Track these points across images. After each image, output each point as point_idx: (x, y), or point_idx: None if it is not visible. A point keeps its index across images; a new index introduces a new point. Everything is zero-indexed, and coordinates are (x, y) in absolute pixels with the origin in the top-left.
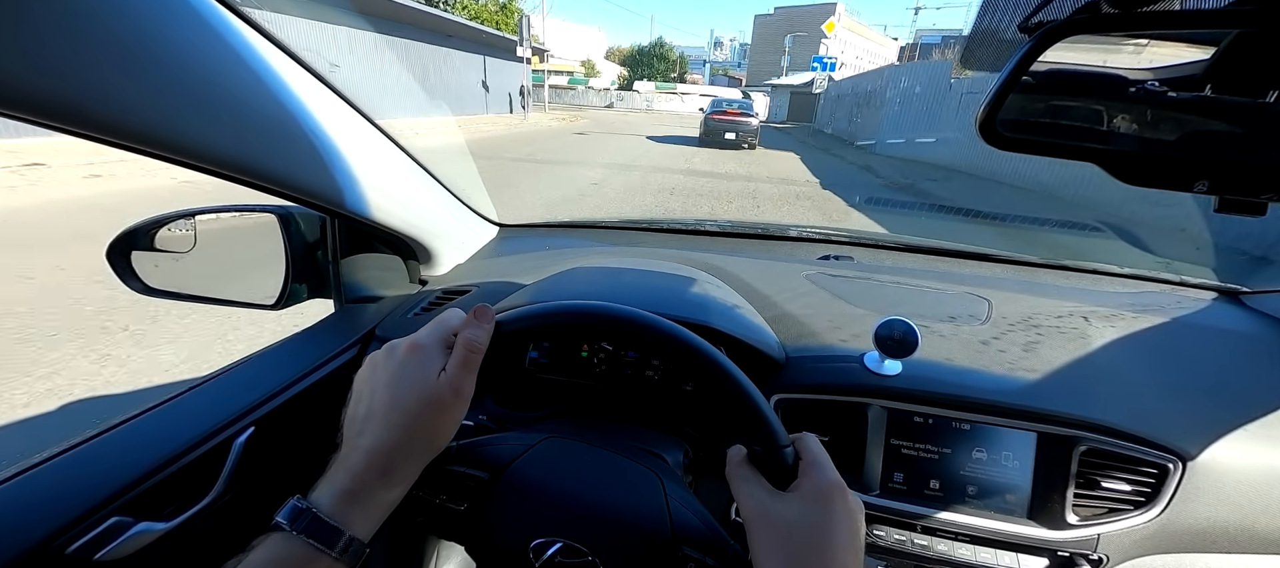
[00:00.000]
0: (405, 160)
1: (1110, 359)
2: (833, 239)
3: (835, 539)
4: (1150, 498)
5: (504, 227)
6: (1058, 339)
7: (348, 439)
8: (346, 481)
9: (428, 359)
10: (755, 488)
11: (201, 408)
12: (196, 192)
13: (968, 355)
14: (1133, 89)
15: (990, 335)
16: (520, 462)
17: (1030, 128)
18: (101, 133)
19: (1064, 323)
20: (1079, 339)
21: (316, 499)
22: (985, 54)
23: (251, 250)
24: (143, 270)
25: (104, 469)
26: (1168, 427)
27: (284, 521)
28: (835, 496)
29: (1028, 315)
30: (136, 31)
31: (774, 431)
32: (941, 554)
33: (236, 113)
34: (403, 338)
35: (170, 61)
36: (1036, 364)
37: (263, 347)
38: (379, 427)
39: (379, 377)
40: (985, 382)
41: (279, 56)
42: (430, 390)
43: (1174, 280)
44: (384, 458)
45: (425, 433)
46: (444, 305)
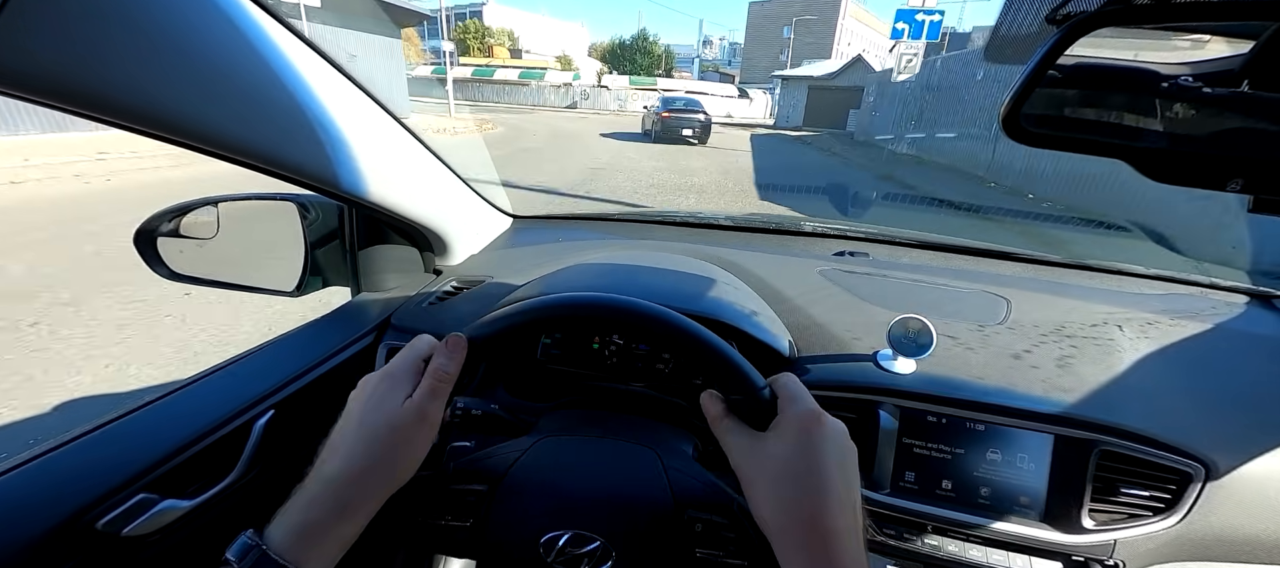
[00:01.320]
0: (422, 151)
1: (1133, 362)
2: (848, 235)
3: (822, 466)
4: (1171, 505)
5: (517, 218)
6: (1079, 341)
7: (315, 467)
8: (301, 515)
9: (396, 387)
10: (737, 435)
11: (224, 391)
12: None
13: (984, 356)
14: (1165, 84)
15: (1008, 336)
16: (516, 467)
17: (1056, 123)
18: (130, 122)
19: (1086, 325)
20: (1101, 341)
21: (270, 534)
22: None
23: (272, 238)
24: (168, 255)
25: (131, 448)
26: (1192, 433)
27: (233, 558)
28: (814, 424)
29: (1048, 317)
30: (161, 23)
31: (747, 374)
32: (952, 555)
33: (258, 103)
34: (378, 371)
35: (193, 52)
36: (1055, 366)
37: (281, 333)
38: (342, 454)
39: (352, 407)
40: (1001, 383)
41: (299, 48)
42: (396, 417)
43: (1203, 283)
44: (343, 488)
45: (387, 460)
46: (459, 295)
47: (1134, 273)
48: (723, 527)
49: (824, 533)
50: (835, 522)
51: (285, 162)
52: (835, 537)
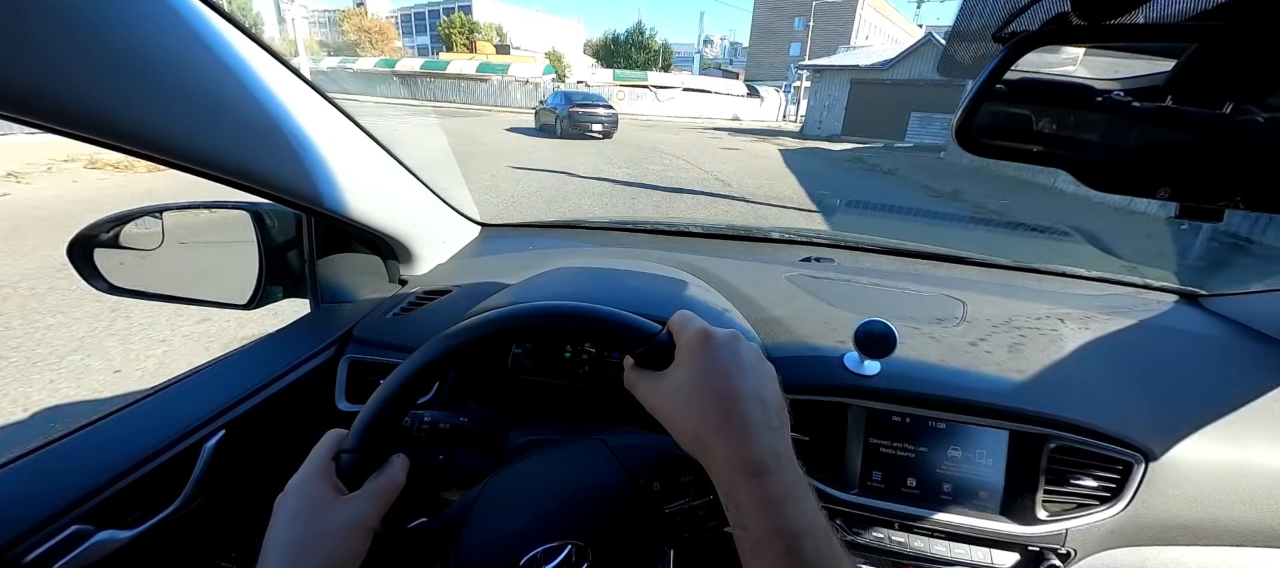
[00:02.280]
0: (385, 157)
1: (1078, 360)
2: (814, 241)
3: (718, 375)
4: (1116, 494)
5: (486, 225)
6: (1030, 340)
7: None
8: None
9: (313, 492)
10: (645, 381)
11: (169, 411)
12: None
13: (944, 356)
14: (1099, 98)
15: (966, 336)
16: (472, 520)
17: (1004, 134)
18: (69, 127)
19: (1036, 324)
20: (1050, 340)
21: None
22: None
23: (223, 248)
24: (106, 268)
25: (64, 476)
26: (1132, 425)
27: None
28: (704, 342)
29: (1001, 317)
30: (105, 24)
31: (638, 326)
32: (918, 551)
33: (208, 107)
34: (300, 476)
35: (140, 55)
36: (1009, 365)
37: (234, 348)
38: None
39: (279, 521)
40: (960, 382)
41: (252, 49)
42: (326, 527)
43: (1138, 283)
44: None
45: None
46: (425, 305)
47: (1077, 275)
48: (677, 474)
49: (736, 434)
50: (745, 420)
51: (239, 168)
52: (748, 432)
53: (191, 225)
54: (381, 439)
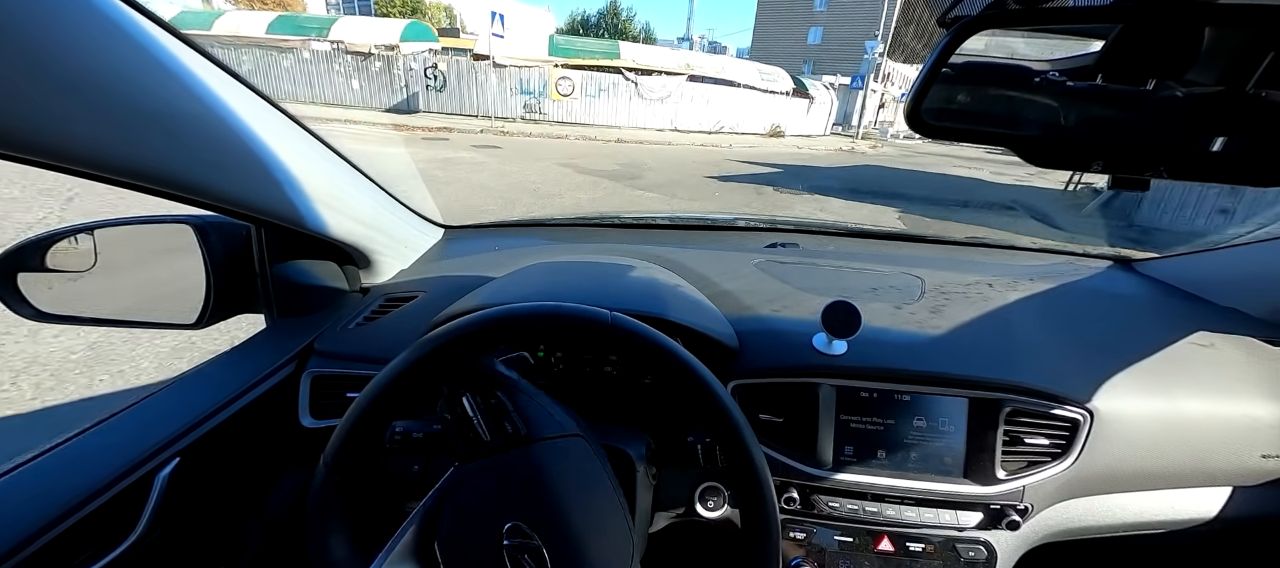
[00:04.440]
0: (336, 162)
1: (1027, 326)
2: (778, 227)
3: None
4: (1065, 449)
5: (450, 228)
6: (982, 311)
7: None
8: None
9: None
10: None
11: (117, 442)
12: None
13: (905, 332)
14: (1037, 79)
15: (924, 311)
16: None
17: (952, 115)
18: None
19: (988, 295)
20: (1001, 310)
21: None
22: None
23: (164, 265)
24: (32, 293)
25: (5, 515)
26: (1076, 384)
27: None
28: None
29: (957, 290)
30: (22, 29)
31: (590, 316)
32: (890, 519)
33: (146, 119)
34: None
35: (63, 63)
36: (966, 336)
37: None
38: None
39: None
40: (922, 354)
41: (187, 53)
42: None
43: (1077, 252)
44: None
45: None
46: (389, 312)
47: (1022, 247)
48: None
49: None
50: None
51: (178, 181)
52: None
53: (127, 243)
54: (358, 460)
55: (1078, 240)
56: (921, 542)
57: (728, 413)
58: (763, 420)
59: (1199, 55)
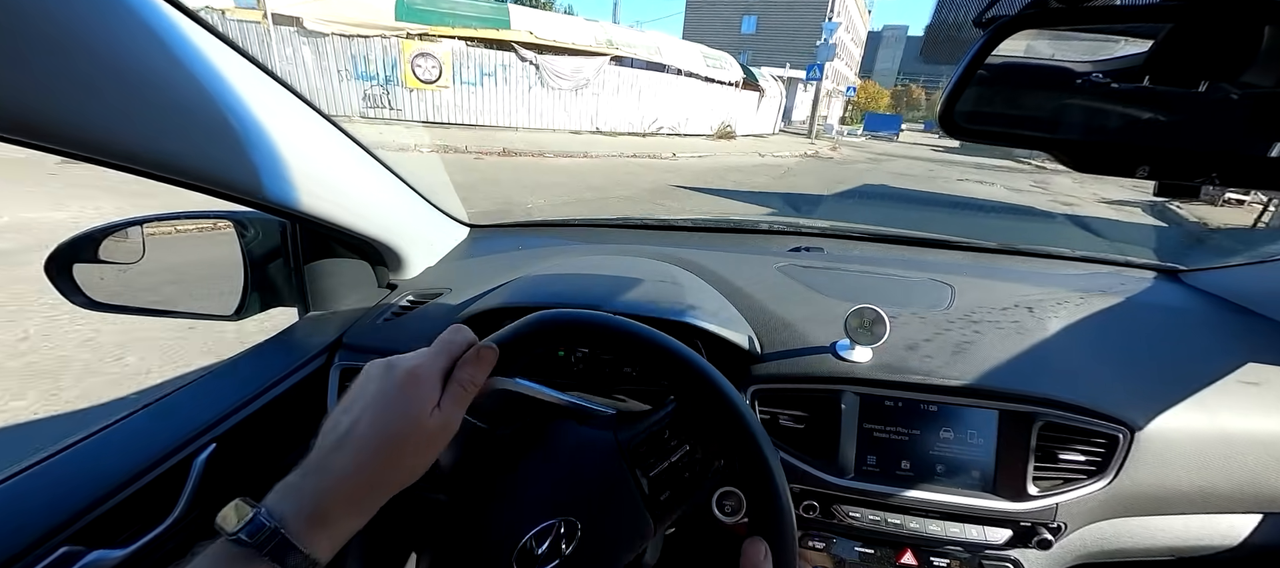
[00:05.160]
0: (369, 162)
1: (1064, 338)
2: (802, 231)
3: None
4: (1102, 467)
5: (475, 227)
6: (1016, 321)
7: (323, 451)
8: (315, 503)
9: (423, 392)
10: None
11: (159, 426)
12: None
13: (932, 340)
14: (1079, 81)
15: (954, 320)
16: (467, 510)
17: (985, 119)
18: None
19: (1022, 305)
20: (1036, 320)
21: (281, 516)
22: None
23: (206, 259)
24: (86, 283)
25: (53, 496)
26: (1116, 399)
27: (246, 536)
28: None
29: (988, 299)
30: (82, 37)
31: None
32: (914, 532)
33: (188, 117)
34: (403, 357)
35: (118, 65)
36: (997, 346)
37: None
38: (359, 454)
39: (370, 395)
40: (950, 365)
41: (231, 57)
42: (419, 426)
43: (1119, 261)
44: (356, 488)
45: (405, 467)
46: (416, 309)
47: (1060, 255)
48: (660, 433)
49: None
50: None
51: (220, 178)
52: None
53: (173, 237)
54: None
55: (1121, 249)
56: (946, 557)
57: (736, 411)
58: (783, 425)
59: (1257, 55)
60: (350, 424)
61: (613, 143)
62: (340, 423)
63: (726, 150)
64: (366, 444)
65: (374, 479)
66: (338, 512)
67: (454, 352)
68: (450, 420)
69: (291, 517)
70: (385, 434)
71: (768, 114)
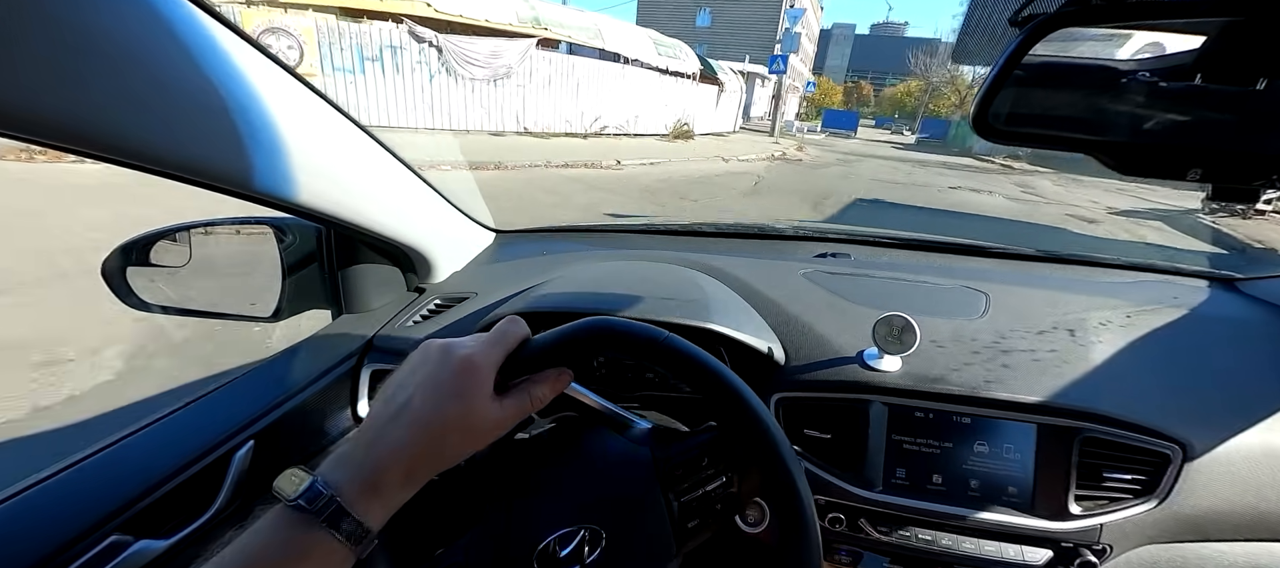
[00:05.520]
0: (401, 169)
1: (1108, 350)
2: (829, 237)
3: None
4: (1151, 487)
5: (501, 232)
6: (1056, 331)
7: (379, 423)
8: (370, 472)
9: (478, 379)
10: None
11: (200, 423)
12: None
13: (966, 350)
14: (1123, 80)
15: (989, 329)
16: (498, 502)
17: (1022, 120)
18: (98, 151)
19: (1062, 314)
20: (1076, 331)
21: (336, 483)
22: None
23: (247, 263)
24: (138, 286)
25: (101, 488)
26: (1167, 415)
27: (304, 502)
28: None
29: (1026, 308)
30: (130, 50)
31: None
32: (946, 549)
33: (230, 127)
34: (460, 341)
35: (164, 78)
36: (1035, 357)
37: (259, 359)
38: (413, 427)
39: (425, 375)
40: (984, 376)
41: (270, 68)
42: (470, 413)
43: (1168, 269)
44: (409, 460)
45: (452, 447)
46: (443, 312)
47: (1103, 263)
48: (697, 458)
49: None
50: None
51: (258, 186)
52: None
53: (217, 242)
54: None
55: (1172, 255)
56: None
57: (759, 421)
58: (808, 436)
59: None
60: (406, 399)
61: (542, 147)
62: (396, 398)
63: (684, 154)
64: (420, 419)
65: (426, 453)
66: (390, 481)
67: (509, 344)
68: (506, 420)
69: (346, 485)
70: (438, 413)
71: (728, 111)
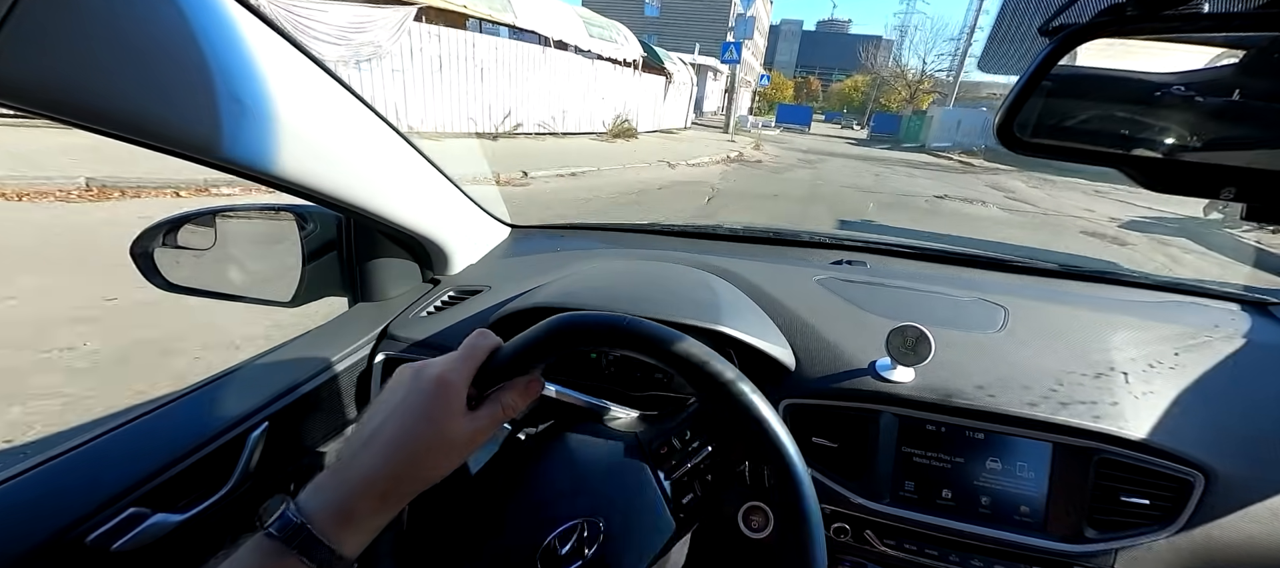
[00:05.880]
0: (420, 162)
1: (1130, 370)
2: (845, 244)
3: None
4: (1171, 514)
5: (516, 227)
6: (1076, 349)
7: (352, 450)
8: (342, 500)
9: (449, 396)
10: None
11: (218, 403)
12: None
13: (982, 364)
14: (1157, 93)
15: (1005, 342)
16: (498, 508)
17: (1049, 132)
18: (128, 134)
19: (1082, 332)
20: (1099, 349)
21: (309, 512)
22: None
23: (269, 249)
24: (165, 267)
25: (122, 462)
26: (1190, 440)
27: (275, 531)
28: None
29: (1045, 323)
30: (158, 37)
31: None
32: (953, 565)
33: (256, 115)
34: (431, 362)
35: (192, 66)
36: (1052, 373)
37: (278, 343)
38: (384, 452)
39: (397, 399)
40: (999, 392)
41: (298, 58)
42: (444, 430)
43: (1197, 290)
44: (383, 484)
45: (428, 468)
46: (457, 304)
47: (1127, 281)
48: (683, 435)
49: None
50: None
51: (282, 173)
52: None
53: (240, 227)
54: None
55: (1198, 277)
56: None
57: (752, 405)
58: (815, 444)
59: None
60: (378, 425)
61: (431, 152)
62: (369, 424)
63: (622, 157)
64: (392, 444)
65: (398, 477)
66: (363, 509)
67: (479, 356)
68: (479, 433)
69: (319, 513)
70: (411, 436)
71: (678, 105)
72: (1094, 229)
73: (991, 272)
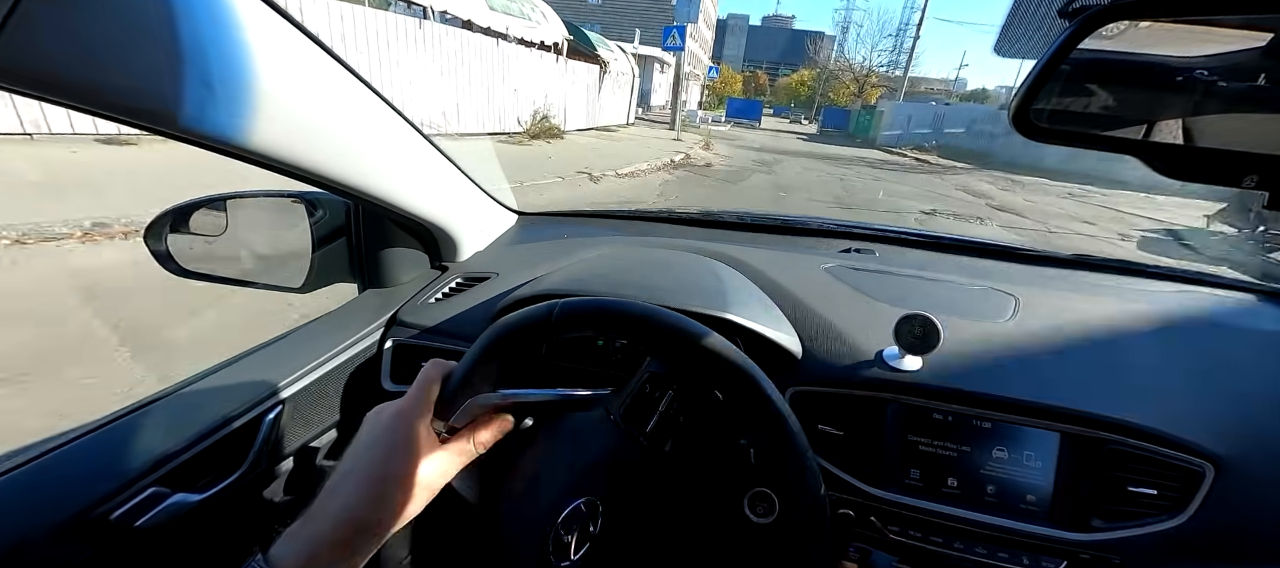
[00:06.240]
0: (429, 149)
1: (1141, 360)
2: (854, 232)
3: None
4: (1179, 504)
5: (523, 214)
6: (1086, 338)
7: (321, 498)
8: (308, 549)
9: (409, 432)
10: None
11: (234, 386)
12: None
13: (991, 353)
14: (1179, 78)
15: (1015, 333)
16: (502, 508)
17: (1068, 118)
18: (138, 120)
19: (1093, 321)
20: (1110, 338)
21: (277, 561)
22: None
23: (280, 235)
24: (177, 252)
25: (143, 442)
26: (1201, 430)
27: None
28: None
29: (1055, 313)
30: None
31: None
32: (958, 553)
33: (266, 102)
34: (391, 403)
35: (202, 52)
36: (1063, 364)
37: (290, 328)
38: (348, 497)
39: (363, 442)
40: (1008, 380)
41: (307, 46)
42: (405, 467)
43: (1211, 279)
44: (349, 529)
45: (395, 507)
46: (465, 290)
47: (1141, 271)
48: (641, 389)
49: None
50: None
51: (293, 160)
52: None
53: (252, 213)
54: (484, 379)
55: (1213, 266)
56: None
57: (770, 401)
58: (821, 432)
59: None
60: (347, 469)
61: (228, 168)
62: (339, 471)
63: (531, 168)
64: (357, 488)
65: (363, 521)
66: (327, 556)
67: (433, 386)
68: (448, 469)
69: (287, 561)
70: (374, 477)
71: (618, 99)
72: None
73: (1002, 261)
